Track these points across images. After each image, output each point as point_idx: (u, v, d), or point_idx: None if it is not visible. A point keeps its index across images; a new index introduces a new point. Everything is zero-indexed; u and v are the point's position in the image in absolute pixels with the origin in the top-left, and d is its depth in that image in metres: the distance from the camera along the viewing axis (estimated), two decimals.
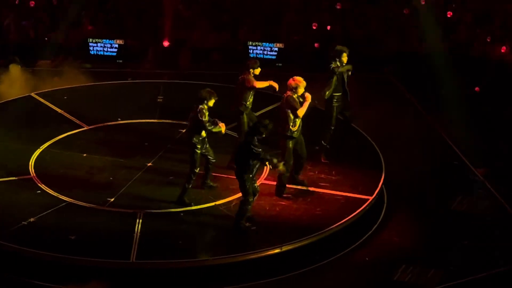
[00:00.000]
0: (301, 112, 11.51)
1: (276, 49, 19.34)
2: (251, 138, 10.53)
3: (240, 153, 10.73)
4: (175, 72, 18.55)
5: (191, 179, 11.43)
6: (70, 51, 18.91)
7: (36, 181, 12.11)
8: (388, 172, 12.74)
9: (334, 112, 12.92)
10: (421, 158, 14.11)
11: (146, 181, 12.26)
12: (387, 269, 10.55)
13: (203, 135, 11.30)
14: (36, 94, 16.03)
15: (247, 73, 12.32)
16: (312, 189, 12.16)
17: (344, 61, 12.71)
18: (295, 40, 19.82)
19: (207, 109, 11.17)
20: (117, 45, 19.18)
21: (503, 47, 18.16)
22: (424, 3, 19.93)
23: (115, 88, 16.92)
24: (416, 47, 19.51)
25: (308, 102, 11.60)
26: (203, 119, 11.09)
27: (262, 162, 10.71)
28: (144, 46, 19.61)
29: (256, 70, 12.39)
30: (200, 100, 11.21)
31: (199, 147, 11.30)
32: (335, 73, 12.63)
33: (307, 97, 11.62)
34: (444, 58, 17.75)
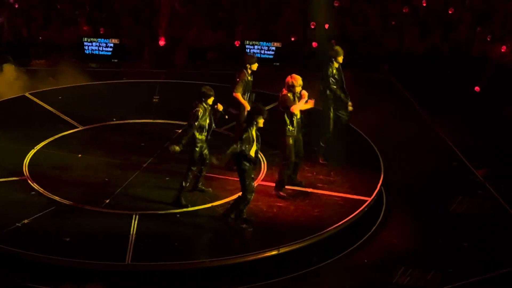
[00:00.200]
0: (295, 108, 11.43)
1: (274, 48, 19.25)
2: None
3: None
4: (171, 71, 18.46)
5: (188, 177, 11.33)
6: (64, 50, 18.81)
7: (30, 182, 12.00)
8: (387, 172, 12.67)
9: (331, 112, 12.85)
10: (420, 158, 14.01)
11: (142, 181, 12.16)
12: (386, 271, 10.45)
13: (203, 135, 11.21)
14: (30, 94, 15.94)
15: (243, 69, 12.23)
16: (310, 190, 12.07)
17: (340, 61, 12.69)
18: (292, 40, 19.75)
19: (203, 109, 11.03)
20: (112, 44, 19.09)
21: (503, 46, 18.14)
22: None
23: (111, 88, 16.82)
24: (416, 46, 19.45)
25: (304, 99, 11.54)
26: (192, 121, 10.98)
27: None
28: (140, 45, 19.51)
29: (254, 66, 12.30)
30: (199, 98, 11.09)
31: (199, 145, 11.19)
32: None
33: (304, 95, 11.57)
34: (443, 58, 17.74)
